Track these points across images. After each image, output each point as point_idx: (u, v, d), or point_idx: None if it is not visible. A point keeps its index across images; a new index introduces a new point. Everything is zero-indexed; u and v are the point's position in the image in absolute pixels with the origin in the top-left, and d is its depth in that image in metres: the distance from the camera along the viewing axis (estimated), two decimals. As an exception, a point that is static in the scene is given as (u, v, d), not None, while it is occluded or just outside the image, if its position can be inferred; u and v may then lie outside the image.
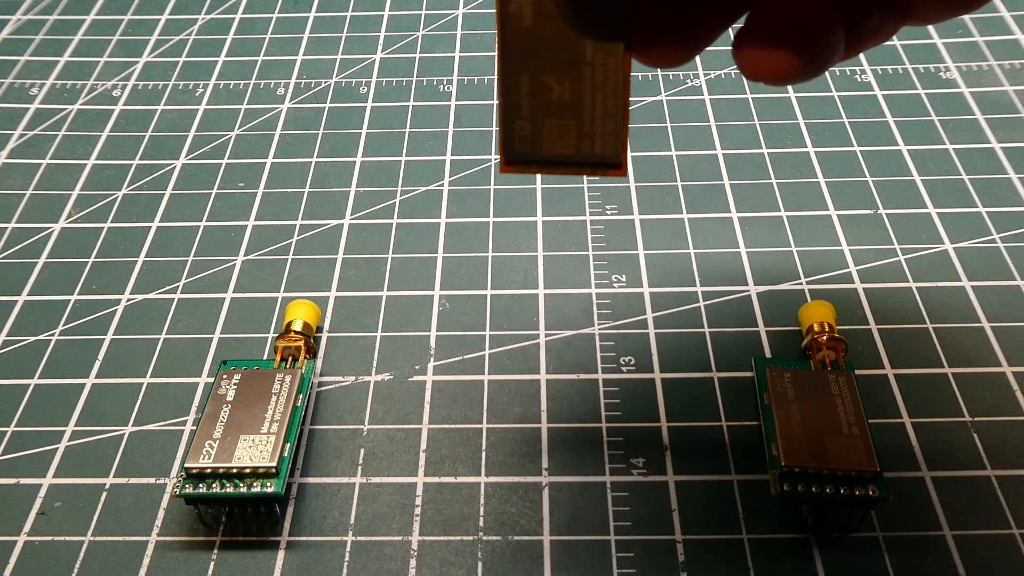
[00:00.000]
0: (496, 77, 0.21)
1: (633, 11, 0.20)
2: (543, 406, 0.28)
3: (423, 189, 0.35)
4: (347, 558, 0.25)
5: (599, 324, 0.30)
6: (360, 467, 0.27)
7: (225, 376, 0.27)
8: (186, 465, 0.24)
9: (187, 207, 0.35)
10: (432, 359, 0.29)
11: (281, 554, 0.25)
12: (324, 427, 0.28)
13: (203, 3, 0.46)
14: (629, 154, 0.20)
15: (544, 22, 0.20)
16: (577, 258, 0.32)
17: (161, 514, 0.26)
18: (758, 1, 0.22)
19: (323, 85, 0.41)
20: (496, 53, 0.21)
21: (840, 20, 0.22)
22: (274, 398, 0.26)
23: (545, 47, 0.21)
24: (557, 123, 0.21)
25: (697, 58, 0.41)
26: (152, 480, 0.26)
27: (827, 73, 0.40)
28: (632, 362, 0.29)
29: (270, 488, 0.24)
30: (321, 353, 0.30)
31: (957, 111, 0.38)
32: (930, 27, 0.42)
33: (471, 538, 0.25)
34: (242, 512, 0.25)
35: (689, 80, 0.40)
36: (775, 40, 0.22)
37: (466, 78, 0.40)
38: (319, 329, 0.30)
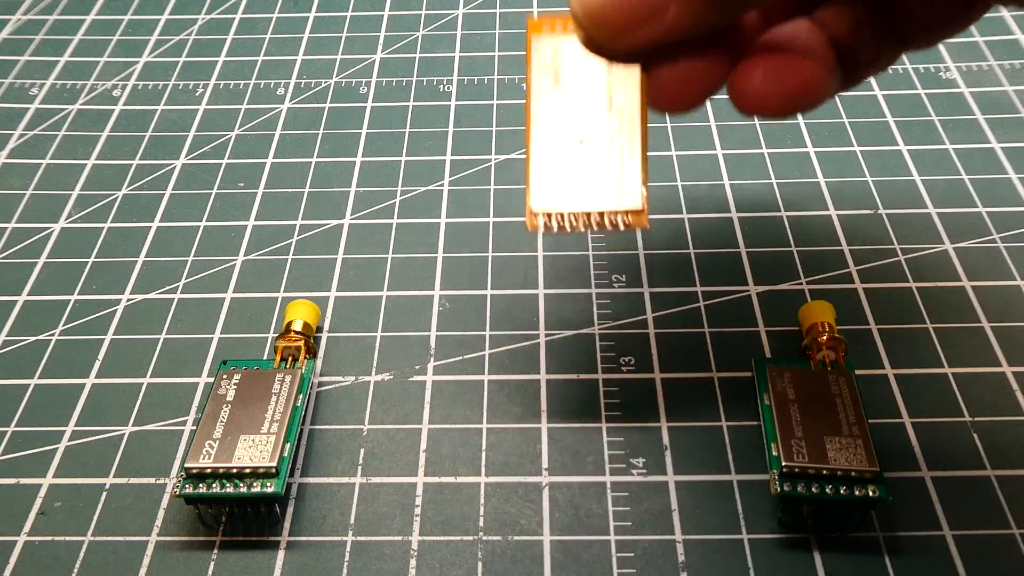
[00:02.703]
0: (525, 135, 0.23)
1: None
2: (543, 406, 0.28)
3: (423, 189, 0.35)
4: (347, 558, 0.25)
5: (599, 324, 0.30)
6: (360, 467, 0.27)
7: (225, 376, 0.27)
8: (186, 465, 0.24)
9: (187, 207, 0.35)
10: (432, 359, 0.29)
11: (281, 554, 0.25)
12: (324, 427, 0.28)
13: (203, 3, 0.46)
14: (647, 205, 0.23)
15: (567, 83, 0.23)
16: (577, 258, 0.32)
17: (161, 514, 0.26)
18: (755, 42, 0.24)
19: (323, 85, 0.41)
20: (525, 115, 0.23)
21: (831, 62, 0.24)
22: (274, 398, 0.26)
23: (568, 108, 0.23)
24: (581, 173, 0.23)
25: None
26: (152, 480, 0.26)
27: (827, 73, 0.40)
28: (632, 362, 0.29)
29: (270, 488, 0.24)
30: (321, 353, 0.30)
31: (957, 111, 0.38)
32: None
33: (471, 538, 0.25)
34: (242, 512, 0.25)
35: (689, 80, 0.40)
36: (769, 80, 0.23)
37: (466, 78, 0.40)
38: (319, 329, 0.30)
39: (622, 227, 0.23)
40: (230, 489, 0.24)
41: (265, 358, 0.29)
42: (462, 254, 0.33)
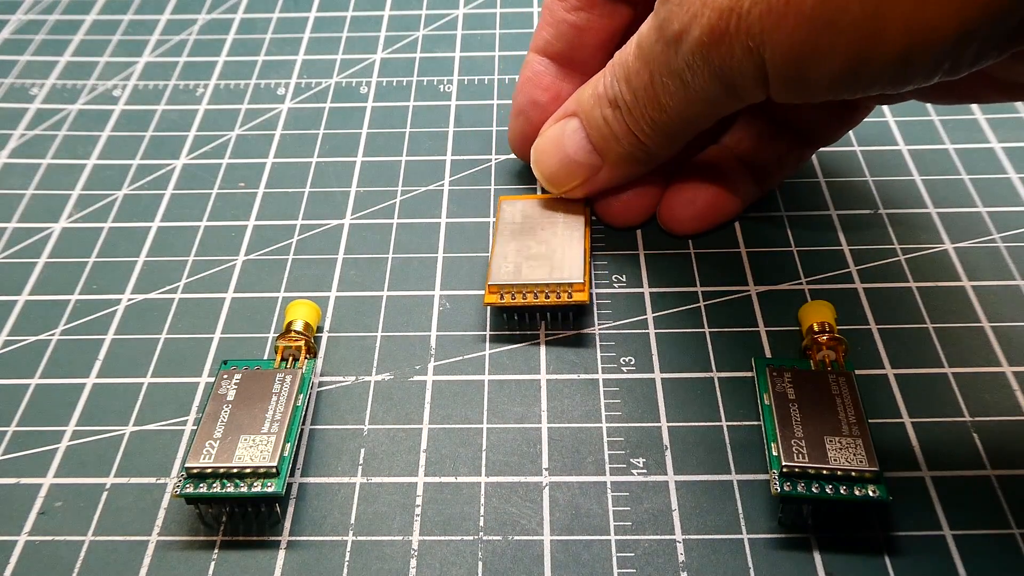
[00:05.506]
0: (491, 245, 0.31)
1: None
2: (543, 406, 0.28)
3: (423, 189, 0.35)
4: (347, 558, 0.25)
5: (599, 324, 0.30)
6: (360, 467, 0.27)
7: (225, 376, 0.27)
8: (187, 465, 0.24)
9: (187, 207, 0.35)
10: (432, 359, 0.29)
11: (282, 554, 0.25)
12: (324, 427, 0.28)
13: (203, 3, 0.46)
14: (592, 280, 0.30)
15: (525, 220, 0.31)
16: (577, 258, 0.32)
17: (162, 514, 0.26)
18: (678, 173, 0.31)
19: (323, 85, 0.41)
20: (492, 232, 0.32)
21: (743, 178, 0.31)
22: (274, 398, 0.26)
23: (527, 230, 0.31)
24: (534, 263, 0.29)
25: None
26: (153, 480, 0.26)
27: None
28: (632, 362, 0.29)
29: (271, 488, 0.24)
30: (321, 353, 0.30)
31: (957, 111, 0.38)
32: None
33: (471, 538, 0.25)
34: (243, 512, 0.25)
35: (689, 80, 0.40)
36: (688, 212, 0.31)
37: (466, 78, 0.41)
38: (319, 329, 0.30)
39: (565, 297, 0.28)
40: (230, 489, 0.24)
41: (265, 358, 0.29)
42: (462, 254, 0.33)
